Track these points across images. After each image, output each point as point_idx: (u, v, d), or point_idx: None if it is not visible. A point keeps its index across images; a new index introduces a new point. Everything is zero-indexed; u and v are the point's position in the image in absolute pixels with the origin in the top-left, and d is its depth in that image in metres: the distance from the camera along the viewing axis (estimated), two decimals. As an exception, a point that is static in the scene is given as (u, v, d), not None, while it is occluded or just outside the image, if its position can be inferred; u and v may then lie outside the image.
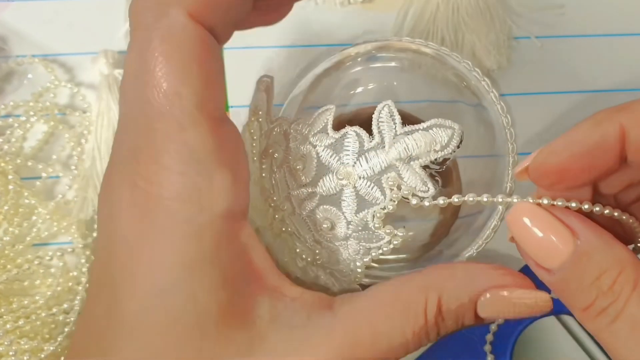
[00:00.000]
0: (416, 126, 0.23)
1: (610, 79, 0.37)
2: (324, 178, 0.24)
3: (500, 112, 0.28)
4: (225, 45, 0.38)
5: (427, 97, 0.31)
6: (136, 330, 0.19)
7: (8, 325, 0.31)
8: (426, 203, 0.24)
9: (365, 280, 0.26)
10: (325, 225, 0.24)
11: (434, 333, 0.21)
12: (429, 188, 0.23)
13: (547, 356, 0.32)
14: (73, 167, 0.34)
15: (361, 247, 0.24)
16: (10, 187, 0.33)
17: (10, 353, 0.30)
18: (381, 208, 0.24)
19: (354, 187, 0.24)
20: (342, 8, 0.37)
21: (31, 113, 0.34)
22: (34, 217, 0.33)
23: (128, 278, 0.20)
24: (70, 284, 0.32)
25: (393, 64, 0.29)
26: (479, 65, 0.36)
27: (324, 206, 0.24)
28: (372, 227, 0.24)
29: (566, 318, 0.32)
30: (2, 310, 0.31)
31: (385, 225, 0.24)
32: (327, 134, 0.24)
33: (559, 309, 0.32)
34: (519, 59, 0.37)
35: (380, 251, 0.24)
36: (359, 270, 0.25)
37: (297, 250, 0.25)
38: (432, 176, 0.24)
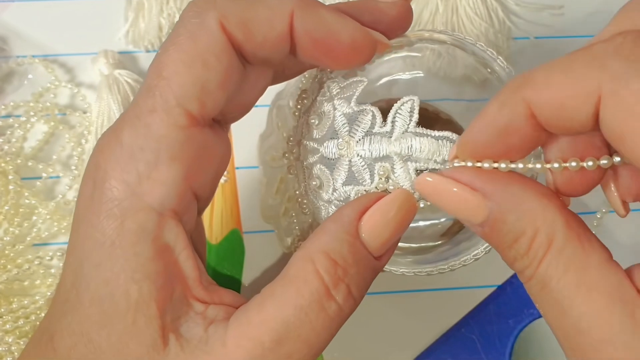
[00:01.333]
0: (428, 131, 0.24)
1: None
2: (330, 141, 0.25)
3: None
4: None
5: (451, 88, 0.31)
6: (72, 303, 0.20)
7: (8, 325, 0.31)
8: None
9: None
10: (314, 183, 0.25)
11: (343, 290, 0.20)
12: (414, 192, 0.24)
13: (546, 356, 0.32)
14: (73, 167, 0.34)
15: None
16: (11, 187, 0.33)
17: (9, 356, 0.30)
18: (364, 190, 0.24)
19: (349, 160, 0.24)
20: (341, 8, 0.38)
21: (31, 113, 0.34)
22: (34, 217, 0.33)
23: (69, 250, 0.20)
24: (70, 284, 0.32)
25: (416, 54, 0.29)
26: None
27: (321, 166, 0.25)
28: None
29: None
30: (2, 310, 0.31)
31: None
32: (350, 103, 0.25)
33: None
34: (518, 60, 0.37)
35: None
36: None
37: (297, 192, 0.26)
38: None
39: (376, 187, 0.24)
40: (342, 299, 0.19)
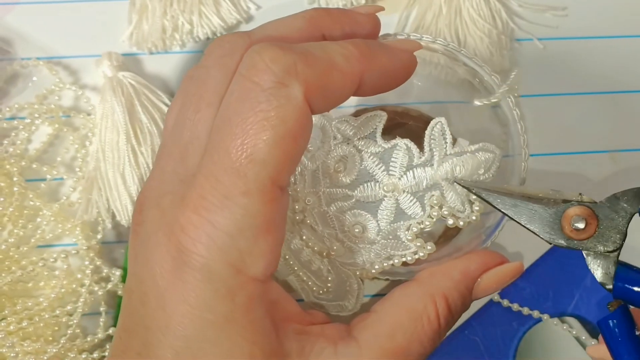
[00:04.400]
0: (464, 148, 0.24)
1: (612, 81, 0.37)
2: (365, 185, 0.24)
3: (512, 106, 0.28)
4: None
5: (441, 95, 0.31)
6: None
7: (11, 327, 0.31)
8: (461, 223, 0.24)
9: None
10: (357, 230, 0.25)
11: (445, 331, 0.23)
12: (465, 209, 0.24)
13: (550, 358, 0.32)
14: (77, 169, 0.34)
15: (384, 252, 0.25)
16: (15, 188, 0.33)
17: (12, 354, 0.30)
18: (418, 223, 0.24)
19: (396, 199, 0.24)
20: (344, 10, 0.38)
21: (36, 115, 0.34)
22: (39, 219, 0.33)
23: (160, 329, 0.20)
24: (74, 285, 0.32)
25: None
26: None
27: (358, 210, 0.24)
28: (403, 238, 0.24)
29: (569, 319, 0.32)
30: (6, 311, 0.31)
31: (417, 238, 0.24)
32: (375, 141, 0.24)
33: (562, 311, 0.32)
34: (522, 61, 0.37)
35: (404, 259, 0.25)
36: (374, 271, 0.25)
37: (304, 237, 0.25)
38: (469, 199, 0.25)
39: (429, 216, 0.24)
40: (444, 333, 0.24)
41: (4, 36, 0.36)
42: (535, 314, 0.31)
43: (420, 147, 0.25)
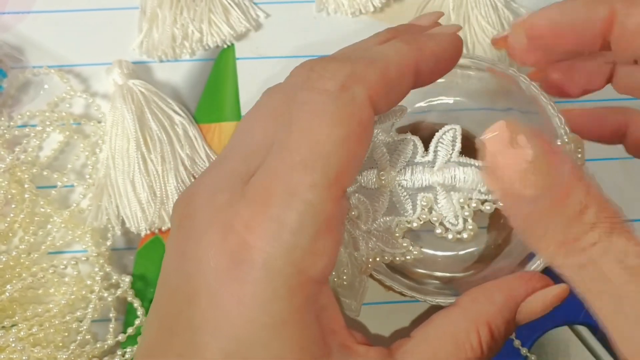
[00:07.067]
0: (472, 161, 0.23)
1: (622, 88, 0.37)
2: (369, 171, 0.24)
3: (559, 124, 0.27)
4: (239, 55, 0.38)
5: (479, 102, 0.31)
6: None
7: (22, 333, 0.31)
8: (450, 236, 0.24)
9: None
10: (353, 213, 0.24)
11: (488, 359, 0.23)
12: (458, 223, 0.24)
13: (561, 366, 0.32)
14: (87, 176, 0.34)
15: (377, 246, 0.25)
16: (26, 195, 0.33)
17: (24, 358, 0.30)
18: (406, 221, 0.24)
19: (390, 191, 0.24)
20: (353, 18, 0.38)
21: (47, 122, 0.35)
22: (49, 226, 0.33)
23: (210, 330, 0.20)
24: (83, 292, 0.32)
25: (445, 79, 0.29)
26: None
27: (359, 195, 0.24)
28: (394, 234, 0.24)
29: (580, 328, 0.32)
30: (17, 317, 0.31)
31: (404, 238, 0.24)
32: (389, 132, 0.25)
33: (572, 319, 0.32)
34: (530, 68, 0.37)
35: (393, 258, 0.25)
36: (369, 266, 0.25)
37: None
38: (473, 214, 0.24)
39: (418, 218, 0.24)
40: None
41: (16, 44, 0.37)
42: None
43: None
